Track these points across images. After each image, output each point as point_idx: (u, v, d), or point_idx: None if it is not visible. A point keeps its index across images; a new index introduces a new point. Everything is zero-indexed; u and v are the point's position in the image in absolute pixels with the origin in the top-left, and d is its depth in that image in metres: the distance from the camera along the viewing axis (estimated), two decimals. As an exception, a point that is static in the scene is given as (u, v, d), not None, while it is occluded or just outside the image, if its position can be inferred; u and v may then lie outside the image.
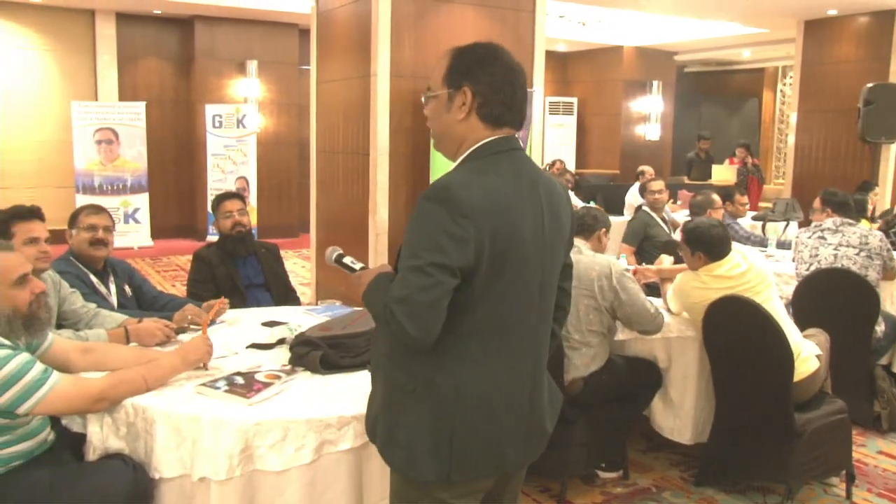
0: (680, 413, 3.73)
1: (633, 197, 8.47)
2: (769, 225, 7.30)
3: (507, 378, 1.77)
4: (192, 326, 3.18)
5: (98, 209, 3.48)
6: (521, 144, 1.86)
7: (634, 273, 4.10)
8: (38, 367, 2.18)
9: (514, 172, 1.77)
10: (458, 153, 1.80)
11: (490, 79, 1.76)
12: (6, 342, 2.21)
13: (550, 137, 12.78)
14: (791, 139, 9.94)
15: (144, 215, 10.43)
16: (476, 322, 1.71)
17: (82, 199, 9.45)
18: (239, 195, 4.19)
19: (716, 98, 15.39)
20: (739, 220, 6.42)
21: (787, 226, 7.26)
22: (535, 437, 1.88)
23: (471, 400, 1.73)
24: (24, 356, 2.17)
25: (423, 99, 1.88)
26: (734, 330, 3.38)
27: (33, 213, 3.07)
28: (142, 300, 3.55)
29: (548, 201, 1.80)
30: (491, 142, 1.77)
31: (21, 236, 2.97)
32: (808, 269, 4.61)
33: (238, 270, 3.95)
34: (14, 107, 10.26)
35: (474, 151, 1.77)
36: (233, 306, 3.58)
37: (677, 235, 5.65)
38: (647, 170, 9.07)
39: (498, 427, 1.77)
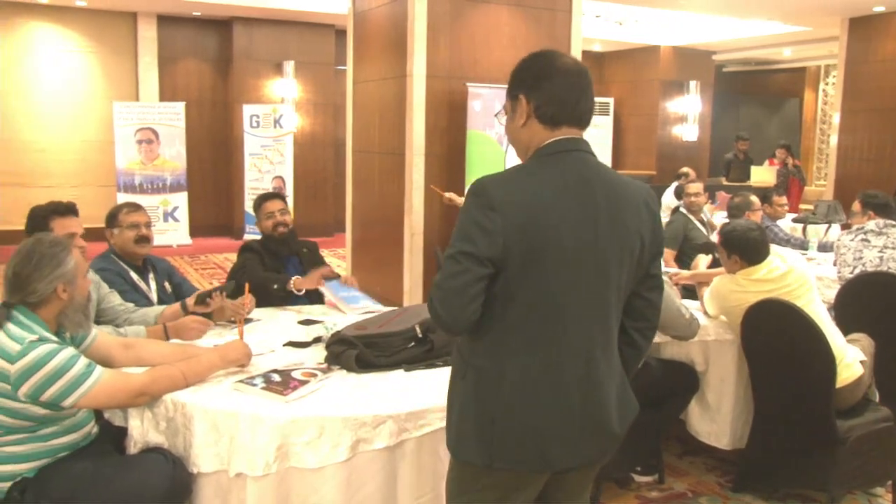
0: (717, 417, 3.68)
1: (669, 198, 8.39)
2: (810, 227, 7.17)
3: (547, 376, 1.79)
4: (231, 321, 3.24)
5: (136, 206, 3.53)
6: (586, 146, 1.88)
7: (669, 278, 4.06)
8: (83, 361, 2.23)
9: (565, 173, 1.80)
10: (527, 157, 1.90)
11: (542, 83, 1.84)
12: (52, 337, 2.26)
13: (587, 138, 12.58)
14: (833, 140, 9.76)
15: (183, 214, 10.59)
16: (516, 314, 1.77)
17: (123, 198, 9.63)
18: (280, 195, 4.20)
19: (755, 98, 15.18)
20: (779, 222, 6.32)
21: (828, 228, 7.13)
22: (590, 440, 1.86)
23: (512, 389, 1.77)
24: (69, 351, 2.22)
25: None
26: (774, 334, 3.32)
27: (70, 210, 3.18)
28: (181, 298, 3.59)
29: (606, 205, 1.81)
30: (550, 143, 1.84)
31: (58, 231, 3.04)
32: (851, 273, 4.52)
33: (283, 269, 3.97)
34: (59, 107, 10.50)
35: (535, 153, 1.86)
36: (272, 305, 3.62)
37: (715, 237, 5.59)
38: (688, 172, 8.94)
39: (540, 421, 1.78)
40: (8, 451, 2.22)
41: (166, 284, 3.57)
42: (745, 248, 3.47)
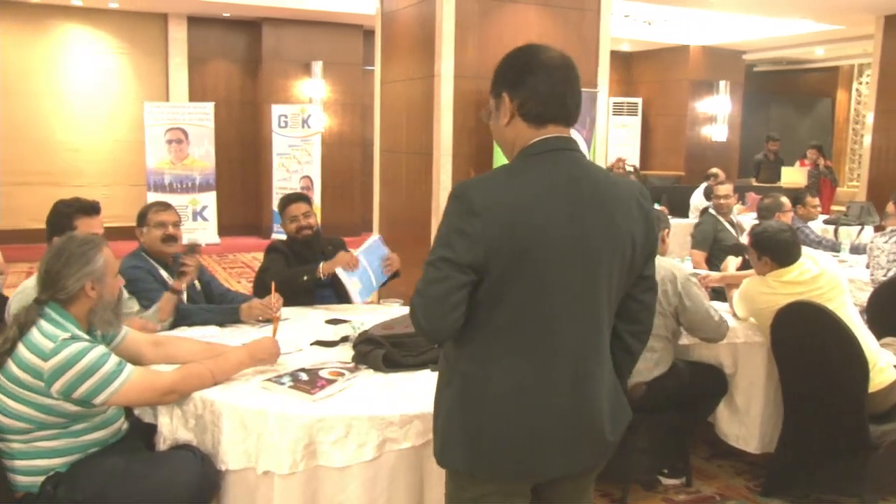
0: (746, 421, 3.64)
1: (698, 199, 8.31)
2: (842, 229, 7.06)
3: (536, 381, 1.73)
4: (259, 320, 3.27)
5: (165, 206, 3.56)
6: (574, 144, 1.81)
7: (701, 278, 4.02)
8: (113, 359, 2.26)
9: (551, 173, 1.74)
10: (512, 156, 1.83)
11: (525, 79, 1.77)
12: (84, 335, 2.29)
13: (614, 138, 12.62)
14: (867, 140, 9.60)
15: (212, 213, 10.69)
16: (503, 318, 1.72)
17: (153, 197, 9.75)
18: (304, 197, 4.15)
19: (786, 98, 14.98)
20: (811, 224, 6.24)
21: (861, 230, 7.01)
22: (581, 448, 1.80)
23: (497, 396, 1.72)
24: (100, 349, 2.25)
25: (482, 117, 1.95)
26: (804, 337, 3.28)
27: (94, 209, 3.24)
28: (210, 296, 3.63)
29: (595, 205, 1.74)
30: (536, 143, 1.77)
31: (82, 230, 3.10)
32: (884, 276, 4.45)
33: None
34: (92, 108, 10.65)
35: (520, 152, 1.79)
36: (299, 304, 3.64)
37: (744, 238, 5.52)
38: (717, 172, 8.83)
39: (526, 429, 1.73)
40: (41, 446, 2.25)
41: (196, 282, 3.60)
42: (777, 249, 3.43)
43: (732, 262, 4.16)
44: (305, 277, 3.65)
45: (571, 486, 1.91)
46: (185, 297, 3.47)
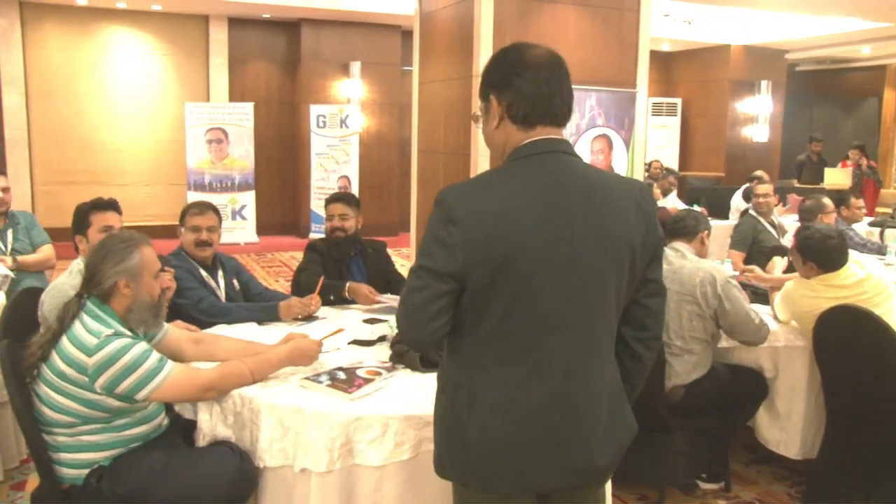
0: (787, 426, 3.58)
1: (738, 200, 8.20)
2: (888, 231, 6.91)
3: (520, 393, 1.67)
4: (297, 319, 3.32)
5: (203, 209, 3.56)
6: (566, 146, 1.73)
7: (743, 273, 3.97)
8: (155, 356, 2.30)
9: (538, 177, 1.67)
10: (503, 160, 1.78)
11: (511, 80, 1.71)
12: (126, 332, 2.33)
13: (653, 139, 12.51)
14: (914, 141, 9.38)
15: (251, 212, 10.81)
16: (487, 327, 1.67)
17: (193, 196, 9.90)
18: (345, 198, 4.11)
19: (830, 97, 14.71)
20: (855, 226, 6.11)
21: (908, 233, 6.86)
22: (573, 461, 1.71)
23: (484, 408, 1.68)
24: (142, 345, 2.29)
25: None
26: (848, 341, 3.21)
27: (110, 205, 3.34)
28: (248, 295, 3.67)
29: (585, 209, 1.66)
30: (524, 146, 1.71)
31: (97, 225, 3.22)
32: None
33: (346, 268, 4.01)
34: (134, 108, 10.85)
35: (509, 156, 1.74)
36: (336, 303, 3.67)
37: (786, 240, 5.43)
38: (762, 175, 8.65)
39: (515, 441, 1.68)
40: (85, 440, 2.30)
41: (234, 282, 3.65)
42: (823, 256, 3.36)
43: (779, 264, 4.08)
44: (332, 297, 3.66)
45: (576, 497, 1.82)
46: (223, 296, 3.52)
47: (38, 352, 2.26)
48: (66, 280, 3.03)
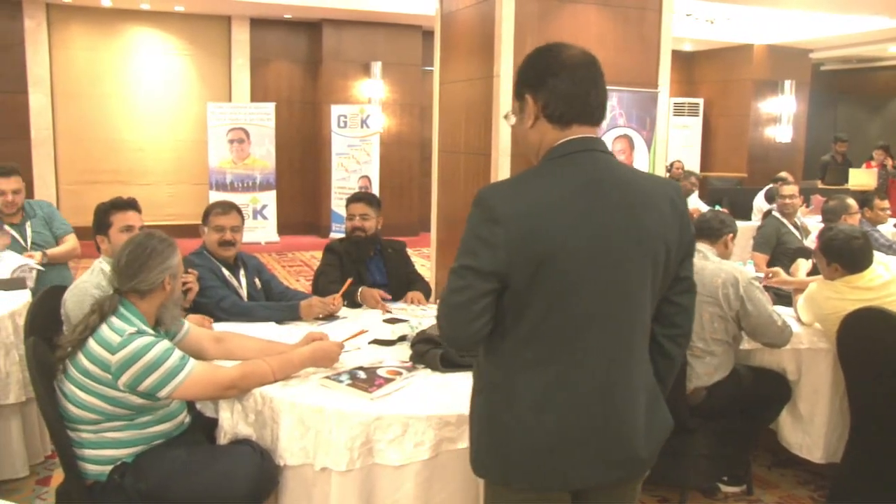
0: (810, 429, 3.54)
1: (760, 201, 8.13)
2: (914, 233, 6.82)
3: (561, 391, 1.69)
4: (318, 318, 3.33)
5: (226, 209, 3.59)
6: (601, 145, 1.74)
7: (767, 276, 3.93)
8: (177, 354, 2.32)
9: (575, 175, 1.69)
10: (537, 159, 1.79)
11: (547, 79, 1.72)
12: (150, 330, 2.36)
13: (675, 139, 12.44)
14: (941, 141, 9.25)
15: (272, 212, 10.87)
16: (527, 327, 1.68)
17: (215, 196, 9.97)
18: (367, 198, 4.12)
19: (855, 97, 14.54)
20: (880, 228, 6.04)
21: (934, 234, 6.75)
22: (614, 458, 1.73)
23: (523, 406, 1.69)
24: (164, 343, 2.31)
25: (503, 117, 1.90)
26: (873, 344, 3.17)
27: (129, 205, 3.35)
28: (269, 294, 3.69)
29: (623, 207, 1.68)
30: (560, 145, 1.72)
31: (118, 224, 3.24)
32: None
33: (365, 268, 4.02)
34: (157, 108, 10.95)
35: (545, 155, 1.75)
36: (355, 304, 3.68)
37: (809, 241, 5.37)
38: (786, 177, 8.57)
39: (556, 439, 1.69)
40: (109, 436, 2.33)
41: (256, 281, 3.67)
42: (848, 257, 3.32)
43: (803, 266, 4.04)
44: (345, 303, 3.65)
45: (612, 494, 1.84)
46: (245, 294, 3.54)
47: (71, 346, 2.29)
48: (88, 279, 3.06)
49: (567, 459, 1.70)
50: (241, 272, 3.61)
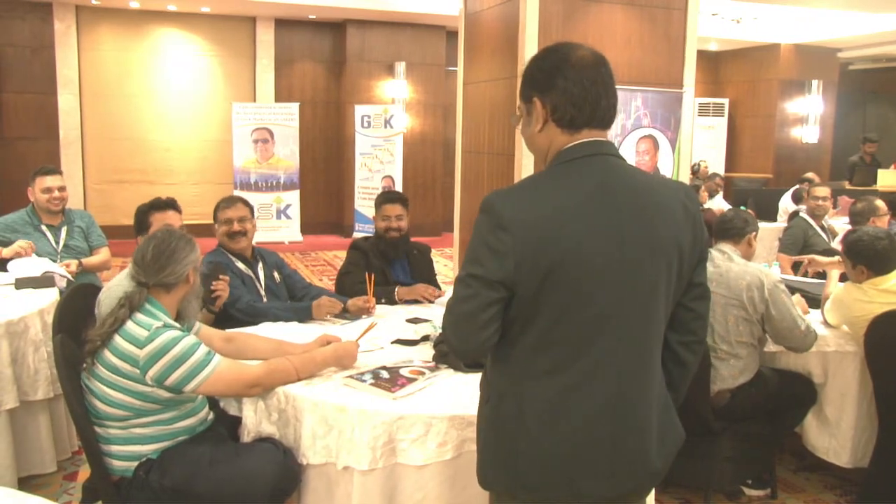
0: (836, 433, 3.50)
1: (787, 202, 8.05)
2: (944, 235, 6.70)
3: (571, 402, 1.63)
4: (330, 318, 3.37)
5: (231, 202, 3.64)
6: (611, 148, 1.69)
7: (804, 268, 3.89)
8: (203, 349, 2.34)
9: (585, 180, 1.63)
10: (546, 163, 1.74)
11: (557, 83, 1.66)
12: (175, 324, 2.38)
13: (700, 139, 12.34)
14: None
15: (295, 211, 10.93)
16: (536, 336, 1.63)
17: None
18: (401, 198, 4.16)
19: (885, 97, 14.33)
20: (909, 230, 5.95)
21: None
22: (626, 469, 1.68)
23: (532, 417, 1.64)
24: (191, 338, 2.34)
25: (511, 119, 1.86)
26: (902, 347, 3.13)
27: (168, 205, 3.42)
28: (291, 290, 3.72)
29: (634, 212, 1.63)
30: (569, 148, 1.67)
31: (157, 225, 3.29)
32: None
33: (390, 268, 4.04)
34: (183, 108, 11.06)
35: (553, 159, 1.69)
36: (380, 302, 3.69)
37: (836, 243, 5.31)
38: (813, 178, 8.48)
39: (566, 450, 1.64)
40: (136, 432, 2.35)
41: (275, 274, 3.69)
42: (873, 258, 3.29)
43: (835, 273, 3.96)
44: (383, 300, 3.71)
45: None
46: (262, 287, 3.57)
47: (100, 339, 2.31)
48: (124, 279, 3.09)
49: (577, 471, 1.65)
50: (259, 265, 3.63)
